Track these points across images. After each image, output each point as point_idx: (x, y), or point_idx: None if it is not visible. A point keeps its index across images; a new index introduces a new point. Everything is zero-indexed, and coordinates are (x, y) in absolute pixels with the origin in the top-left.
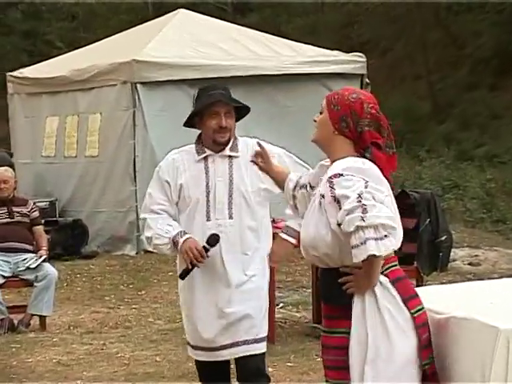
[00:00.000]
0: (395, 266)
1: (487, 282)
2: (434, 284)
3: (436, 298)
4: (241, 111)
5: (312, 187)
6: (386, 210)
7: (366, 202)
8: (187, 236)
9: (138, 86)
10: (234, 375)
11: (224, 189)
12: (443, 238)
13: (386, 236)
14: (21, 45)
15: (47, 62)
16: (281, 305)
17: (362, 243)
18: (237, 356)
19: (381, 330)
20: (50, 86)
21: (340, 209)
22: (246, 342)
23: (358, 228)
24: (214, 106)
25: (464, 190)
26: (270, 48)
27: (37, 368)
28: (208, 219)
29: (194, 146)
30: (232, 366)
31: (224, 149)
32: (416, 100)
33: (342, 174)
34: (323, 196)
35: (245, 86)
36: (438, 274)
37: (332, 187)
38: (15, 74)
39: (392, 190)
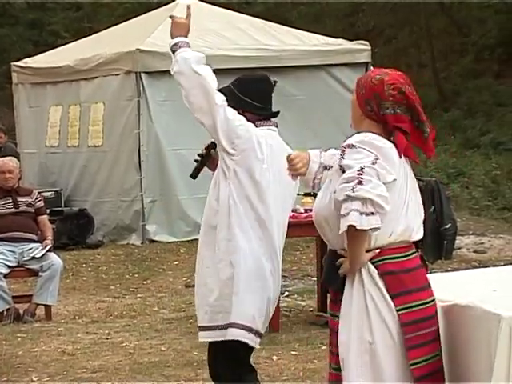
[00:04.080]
0: (392, 259)
1: (492, 270)
2: (439, 272)
3: (440, 285)
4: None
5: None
6: (382, 189)
7: (365, 176)
8: None
9: (143, 75)
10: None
11: None
12: (448, 226)
13: (372, 213)
14: (26, 35)
15: (51, 51)
16: (286, 293)
17: (346, 213)
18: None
19: (364, 318)
20: (54, 76)
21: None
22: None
23: (346, 198)
24: None
25: (469, 177)
26: (274, 37)
27: (42, 357)
28: None
29: None
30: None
31: None
32: (421, 88)
33: (354, 146)
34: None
35: None
36: (443, 261)
37: (342, 156)
38: (19, 63)
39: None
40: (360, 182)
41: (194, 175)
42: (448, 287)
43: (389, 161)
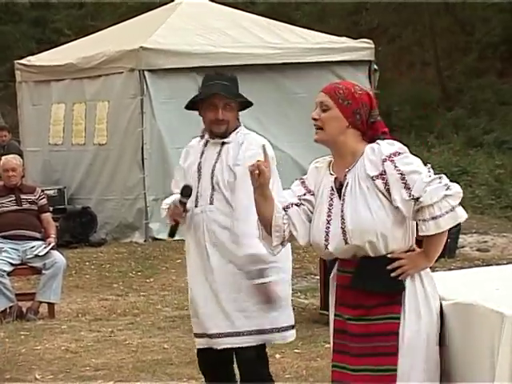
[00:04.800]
0: None
1: (495, 268)
2: (442, 270)
3: (442, 284)
4: (244, 102)
5: (310, 193)
6: None
7: (438, 174)
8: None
9: (146, 73)
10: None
11: (208, 174)
12: None
13: (459, 205)
14: (29, 33)
15: (55, 49)
16: None
17: (448, 211)
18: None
19: (427, 315)
20: (58, 74)
21: (405, 185)
22: (218, 336)
23: (444, 197)
24: (213, 98)
25: (473, 176)
26: (278, 35)
27: (45, 355)
28: (196, 205)
29: None
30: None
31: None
32: (425, 86)
33: (400, 152)
34: (377, 177)
35: (252, 73)
36: (446, 260)
37: (395, 165)
38: (23, 61)
39: None
40: (442, 181)
41: (172, 235)
42: (451, 286)
43: None
